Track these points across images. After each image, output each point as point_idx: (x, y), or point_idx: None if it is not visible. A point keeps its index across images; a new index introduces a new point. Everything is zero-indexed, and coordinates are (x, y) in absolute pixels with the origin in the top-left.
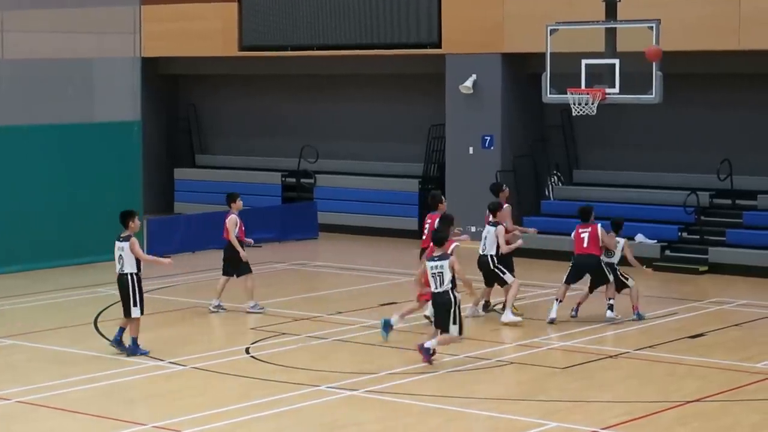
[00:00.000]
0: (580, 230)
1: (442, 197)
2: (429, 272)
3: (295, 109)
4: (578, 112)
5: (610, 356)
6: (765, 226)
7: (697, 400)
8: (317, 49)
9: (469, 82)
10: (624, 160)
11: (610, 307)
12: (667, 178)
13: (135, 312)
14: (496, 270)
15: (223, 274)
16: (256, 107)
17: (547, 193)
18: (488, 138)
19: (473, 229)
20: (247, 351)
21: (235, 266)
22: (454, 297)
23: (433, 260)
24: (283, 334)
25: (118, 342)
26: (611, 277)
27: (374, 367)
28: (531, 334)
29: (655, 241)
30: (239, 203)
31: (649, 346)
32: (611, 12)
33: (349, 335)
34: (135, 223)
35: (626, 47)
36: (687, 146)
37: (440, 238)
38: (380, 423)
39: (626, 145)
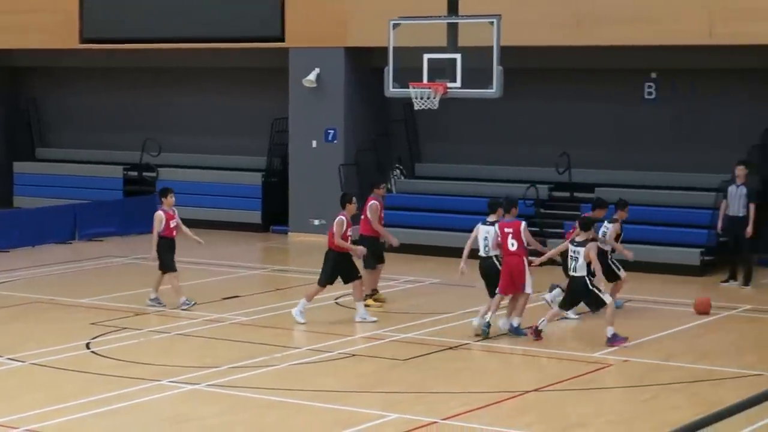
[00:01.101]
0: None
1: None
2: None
3: (137, 103)
4: (420, 107)
5: (450, 348)
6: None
7: (536, 390)
8: (159, 42)
9: (312, 76)
10: (465, 154)
11: (551, 288)
12: (508, 171)
13: None
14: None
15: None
16: (99, 100)
17: (389, 186)
18: (331, 131)
19: (316, 222)
20: (87, 346)
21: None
22: (588, 279)
23: (574, 244)
24: (125, 328)
25: None
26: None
27: (216, 361)
28: (376, 326)
29: None
30: (170, 199)
31: (489, 338)
32: (453, 7)
33: (192, 329)
34: None
35: (468, 42)
36: (527, 140)
37: (586, 222)
38: (222, 417)
39: (468, 139)
